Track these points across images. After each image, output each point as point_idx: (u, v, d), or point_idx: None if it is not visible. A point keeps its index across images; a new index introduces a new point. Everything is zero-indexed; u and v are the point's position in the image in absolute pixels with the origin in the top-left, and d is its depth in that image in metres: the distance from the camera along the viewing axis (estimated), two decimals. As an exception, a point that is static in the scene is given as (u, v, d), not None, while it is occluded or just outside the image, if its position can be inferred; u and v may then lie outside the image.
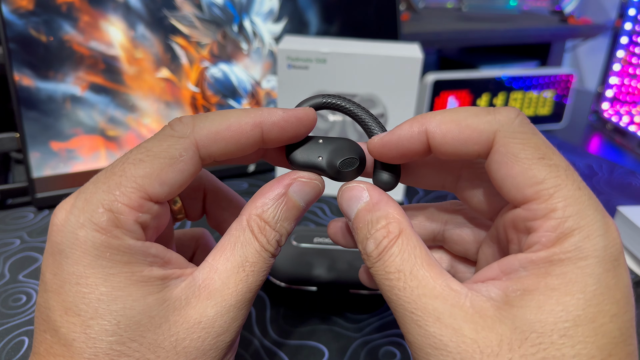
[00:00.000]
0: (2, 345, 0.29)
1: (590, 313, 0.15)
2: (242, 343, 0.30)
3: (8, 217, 0.43)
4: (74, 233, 0.16)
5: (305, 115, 0.19)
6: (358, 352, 0.30)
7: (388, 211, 0.18)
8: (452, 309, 0.16)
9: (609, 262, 0.15)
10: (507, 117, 0.17)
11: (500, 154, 0.17)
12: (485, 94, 0.63)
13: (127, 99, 0.47)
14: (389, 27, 0.59)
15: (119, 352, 0.16)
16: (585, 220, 0.15)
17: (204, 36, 0.50)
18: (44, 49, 0.44)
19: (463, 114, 0.17)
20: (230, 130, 0.18)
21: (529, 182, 0.16)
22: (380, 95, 0.45)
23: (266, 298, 0.34)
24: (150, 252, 0.18)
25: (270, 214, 0.19)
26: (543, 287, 0.15)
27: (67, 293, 0.16)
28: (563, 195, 0.15)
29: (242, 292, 0.18)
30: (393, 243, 0.18)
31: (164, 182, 0.17)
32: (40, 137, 0.44)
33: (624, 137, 0.68)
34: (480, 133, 0.17)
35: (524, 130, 0.16)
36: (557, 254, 0.15)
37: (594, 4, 1.19)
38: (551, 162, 0.16)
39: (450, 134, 0.17)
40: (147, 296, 0.17)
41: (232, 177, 0.51)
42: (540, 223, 0.16)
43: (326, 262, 0.33)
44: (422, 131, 0.18)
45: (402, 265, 0.17)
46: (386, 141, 0.19)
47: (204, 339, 0.18)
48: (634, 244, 0.38)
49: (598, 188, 0.52)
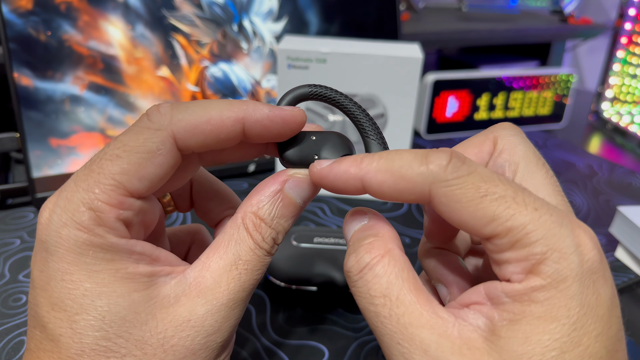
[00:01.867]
0: (2, 345, 0.29)
1: (576, 337, 0.14)
2: (241, 343, 0.30)
3: (8, 217, 0.43)
4: (57, 231, 0.17)
5: (291, 116, 0.19)
6: (358, 352, 0.30)
7: (378, 230, 0.18)
8: (439, 339, 0.15)
9: (588, 277, 0.15)
10: (439, 165, 0.16)
11: (443, 204, 0.16)
12: (485, 94, 0.63)
13: (127, 99, 0.47)
14: (389, 27, 0.59)
15: (105, 347, 0.16)
16: (552, 240, 0.15)
17: (204, 35, 0.50)
18: (43, 49, 0.44)
19: (397, 163, 0.17)
20: (210, 124, 0.18)
21: (481, 222, 0.15)
22: (380, 95, 0.45)
23: (266, 298, 0.34)
24: (136, 249, 0.17)
25: (265, 211, 0.19)
26: (529, 317, 0.15)
27: (53, 289, 0.17)
28: (520, 223, 0.15)
29: (235, 291, 0.18)
30: (377, 262, 0.17)
31: (142, 177, 0.17)
32: (40, 137, 0.44)
33: (624, 137, 0.68)
34: (414, 185, 0.16)
35: (458, 175, 0.16)
36: (537, 281, 0.15)
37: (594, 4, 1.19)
38: (495, 196, 0.15)
39: (385, 184, 0.17)
40: (132, 293, 0.17)
41: (232, 177, 0.51)
42: (509, 255, 0.15)
43: (326, 262, 0.33)
44: (357, 177, 0.17)
45: (388, 289, 0.16)
46: (324, 174, 0.18)
47: (193, 338, 0.17)
48: (634, 244, 0.38)
49: (598, 188, 0.52)
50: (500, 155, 0.19)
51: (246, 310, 0.33)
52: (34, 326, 0.17)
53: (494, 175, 0.16)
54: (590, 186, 0.53)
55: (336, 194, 0.48)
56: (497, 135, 0.20)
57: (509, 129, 0.20)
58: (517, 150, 0.19)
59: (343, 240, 0.35)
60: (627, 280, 0.37)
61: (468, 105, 0.63)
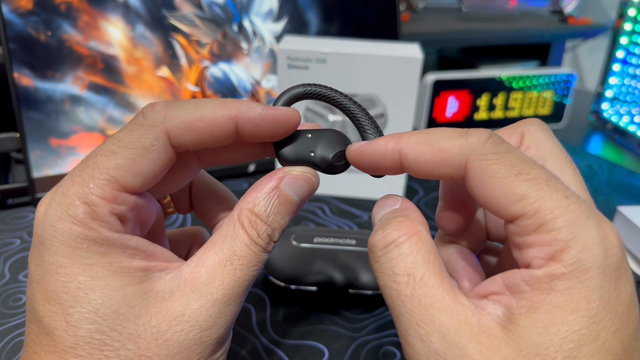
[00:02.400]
0: (2, 345, 0.29)
1: (594, 331, 0.14)
2: (241, 343, 0.30)
3: (8, 217, 0.43)
4: (52, 225, 0.17)
5: (285, 116, 0.19)
6: (358, 352, 0.30)
7: (409, 214, 0.18)
8: (459, 325, 0.15)
9: (610, 272, 0.15)
10: (479, 139, 0.16)
11: (477, 177, 0.16)
12: (485, 94, 0.63)
13: (127, 99, 0.47)
14: (389, 27, 0.59)
15: (99, 340, 0.16)
16: (579, 229, 0.15)
17: (204, 35, 0.50)
18: (43, 49, 0.44)
19: (436, 137, 0.17)
20: (203, 121, 0.18)
21: (511, 200, 0.16)
22: (380, 95, 0.45)
23: (266, 298, 0.34)
24: (130, 244, 0.18)
25: (261, 208, 0.19)
26: (548, 306, 0.15)
27: (48, 283, 0.17)
28: (549, 207, 0.15)
29: (230, 286, 0.18)
30: (405, 240, 0.17)
31: (136, 172, 0.17)
32: (40, 137, 0.44)
33: (624, 137, 0.68)
34: (452, 156, 0.17)
35: (496, 150, 0.16)
36: (558, 269, 0.15)
37: (594, 4, 1.19)
38: (530, 177, 0.16)
39: (423, 155, 0.17)
40: (126, 286, 0.17)
41: (232, 177, 0.51)
42: (533, 238, 0.15)
43: (326, 262, 0.33)
44: (395, 150, 0.18)
45: (414, 269, 0.16)
46: (362, 151, 0.19)
47: (187, 333, 0.17)
48: (634, 244, 0.38)
49: (598, 188, 0.52)
50: (527, 150, 0.19)
51: (246, 309, 0.33)
52: (30, 321, 0.18)
53: (530, 159, 0.16)
54: (590, 186, 0.53)
55: (336, 195, 0.48)
56: (525, 130, 0.20)
57: (537, 125, 0.20)
58: (545, 146, 0.19)
59: (343, 240, 0.35)
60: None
61: (468, 106, 0.63)
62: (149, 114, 0.18)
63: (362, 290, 0.32)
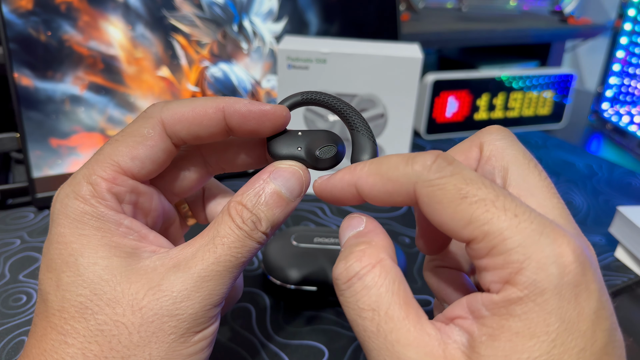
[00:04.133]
0: (2, 345, 0.29)
1: (556, 354, 0.14)
2: (241, 342, 0.30)
3: (8, 217, 0.43)
4: (62, 202, 0.19)
5: (272, 110, 0.20)
6: (358, 352, 0.30)
7: (372, 239, 0.18)
8: (425, 358, 0.15)
9: (569, 290, 0.14)
10: (423, 165, 0.16)
11: (426, 204, 0.16)
12: (485, 94, 0.63)
13: (127, 99, 0.47)
14: (389, 27, 0.59)
15: (81, 304, 0.18)
16: (531, 249, 0.14)
17: (205, 35, 0.50)
18: (43, 49, 0.44)
19: (385, 167, 0.18)
20: (193, 112, 0.20)
21: (460, 224, 0.15)
22: (380, 95, 0.45)
23: (266, 298, 0.34)
24: (124, 223, 0.19)
25: (248, 198, 0.19)
26: (507, 332, 0.15)
27: (50, 252, 0.19)
28: (498, 229, 0.15)
29: (209, 262, 0.18)
30: (367, 272, 0.17)
31: (135, 157, 0.20)
32: (40, 137, 0.44)
33: (624, 137, 0.68)
34: (401, 186, 0.17)
35: (441, 175, 0.16)
36: (514, 292, 0.14)
37: (594, 4, 1.19)
38: (475, 199, 0.15)
39: (376, 187, 0.18)
40: (112, 257, 0.18)
41: (232, 177, 0.51)
42: (487, 262, 0.15)
43: (326, 262, 0.33)
44: (351, 183, 0.18)
45: (377, 303, 0.16)
46: (322, 188, 0.20)
47: (162, 303, 0.18)
48: (633, 244, 0.38)
49: (598, 188, 0.52)
50: (487, 161, 0.19)
51: (246, 309, 0.33)
52: (38, 294, 0.19)
53: (479, 178, 0.16)
54: (589, 186, 0.53)
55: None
56: (483, 141, 0.19)
57: (496, 133, 0.19)
58: (505, 154, 0.19)
59: (343, 240, 0.35)
60: (626, 280, 0.37)
61: (468, 106, 0.63)
62: (149, 109, 0.20)
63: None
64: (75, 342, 0.17)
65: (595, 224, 0.45)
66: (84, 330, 0.17)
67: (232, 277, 0.19)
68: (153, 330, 0.18)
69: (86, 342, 0.17)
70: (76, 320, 0.18)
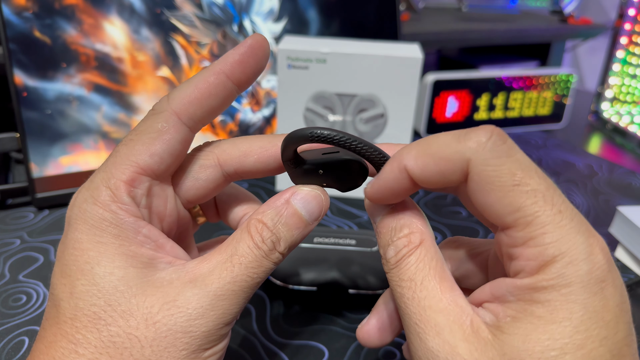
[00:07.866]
0: (2, 345, 0.29)
1: (578, 340, 0.15)
2: (241, 343, 0.30)
3: (8, 217, 0.43)
4: (79, 207, 0.19)
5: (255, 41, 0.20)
6: (358, 352, 0.30)
7: (412, 220, 0.19)
8: (452, 325, 0.16)
9: (594, 285, 0.15)
10: (478, 142, 0.16)
11: (475, 182, 0.16)
12: (485, 94, 0.63)
13: (127, 99, 0.47)
14: (389, 27, 0.59)
15: (94, 314, 0.17)
16: (566, 246, 0.15)
17: (204, 36, 0.50)
18: (43, 49, 0.44)
19: (435, 146, 0.17)
20: (198, 87, 0.20)
21: (506, 210, 0.16)
22: (380, 95, 0.45)
23: (266, 298, 0.34)
24: (142, 231, 0.19)
25: (268, 217, 0.20)
26: (529, 315, 0.15)
27: (65, 257, 0.18)
28: (541, 222, 0.15)
29: (225, 281, 0.18)
30: (412, 252, 0.18)
31: (153, 153, 0.19)
32: (41, 137, 0.44)
33: (624, 137, 0.68)
34: (454, 164, 0.16)
35: (496, 155, 0.16)
36: (540, 282, 0.15)
37: (594, 4, 1.19)
38: (528, 188, 0.16)
39: (427, 168, 0.17)
40: (128, 267, 0.18)
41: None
42: (521, 251, 0.16)
43: (326, 262, 0.33)
44: (402, 169, 0.18)
45: (415, 274, 0.18)
46: (377, 188, 0.19)
47: (176, 319, 0.18)
48: (633, 244, 0.38)
49: (598, 188, 0.52)
50: None
51: (246, 309, 0.33)
52: (49, 299, 0.19)
53: (532, 165, 0.16)
54: (590, 186, 0.53)
55: (336, 195, 0.48)
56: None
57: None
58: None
59: (343, 240, 0.35)
60: (627, 280, 0.37)
61: (468, 106, 0.63)
62: (156, 105, 0.20)
63: (362, 290, 0.32)
64: (87, 352, 0.17)
65: (595, 224, 0.45)
66: (95, 341, 0.17)
67: (246, 297, 0.19)
68: (165, 346, 0.17)
69: (97, 353, 0.17)
70: (88, 330, 0.17)
